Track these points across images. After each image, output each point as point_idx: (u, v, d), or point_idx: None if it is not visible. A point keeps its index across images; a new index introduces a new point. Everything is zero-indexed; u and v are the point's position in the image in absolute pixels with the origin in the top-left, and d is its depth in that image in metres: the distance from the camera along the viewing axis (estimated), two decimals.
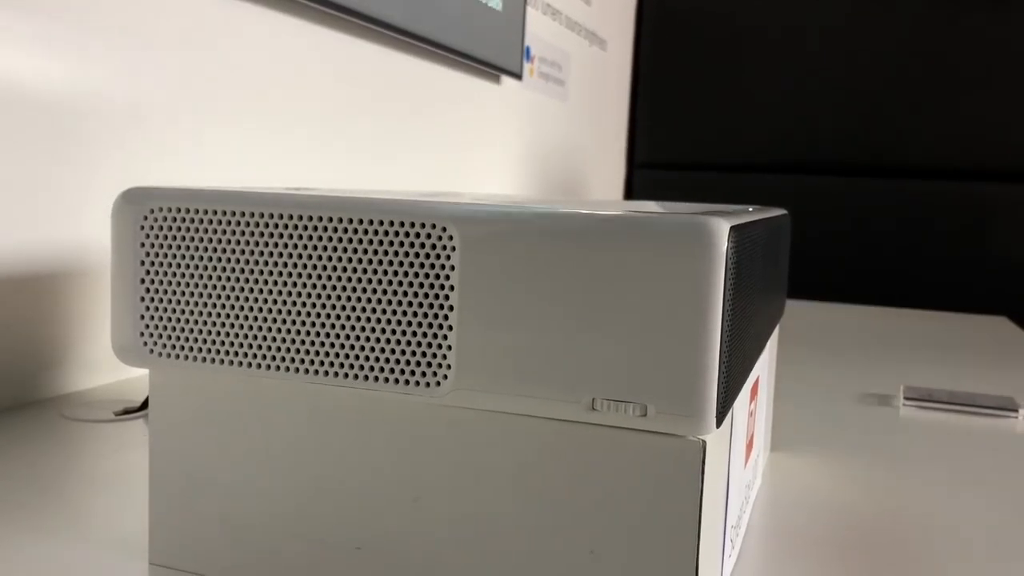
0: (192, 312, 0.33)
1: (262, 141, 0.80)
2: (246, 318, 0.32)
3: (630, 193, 2.11)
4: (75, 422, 0.55)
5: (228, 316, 0.32)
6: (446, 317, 0.30)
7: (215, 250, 0.32)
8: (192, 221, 0.32)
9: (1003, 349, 1.04)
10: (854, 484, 0.51)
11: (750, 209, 0.42)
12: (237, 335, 0.32)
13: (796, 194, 1.93)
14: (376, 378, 0.31)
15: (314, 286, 0.31)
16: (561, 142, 1.64)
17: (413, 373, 0.30)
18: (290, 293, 0.31)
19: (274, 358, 0.32)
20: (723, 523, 0.34)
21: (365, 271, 0.30)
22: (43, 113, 0.59)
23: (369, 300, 0.30)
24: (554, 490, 0.30)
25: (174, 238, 0.33)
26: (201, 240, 0.32)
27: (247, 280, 0.32)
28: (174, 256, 0.33)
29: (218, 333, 0.32)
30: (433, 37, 1.03)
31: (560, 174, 1.65)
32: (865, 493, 0.49)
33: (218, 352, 0.32)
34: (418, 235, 0.30)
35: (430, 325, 0.30)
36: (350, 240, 0.30)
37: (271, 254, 0.31)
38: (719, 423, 0.28)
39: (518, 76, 1.33)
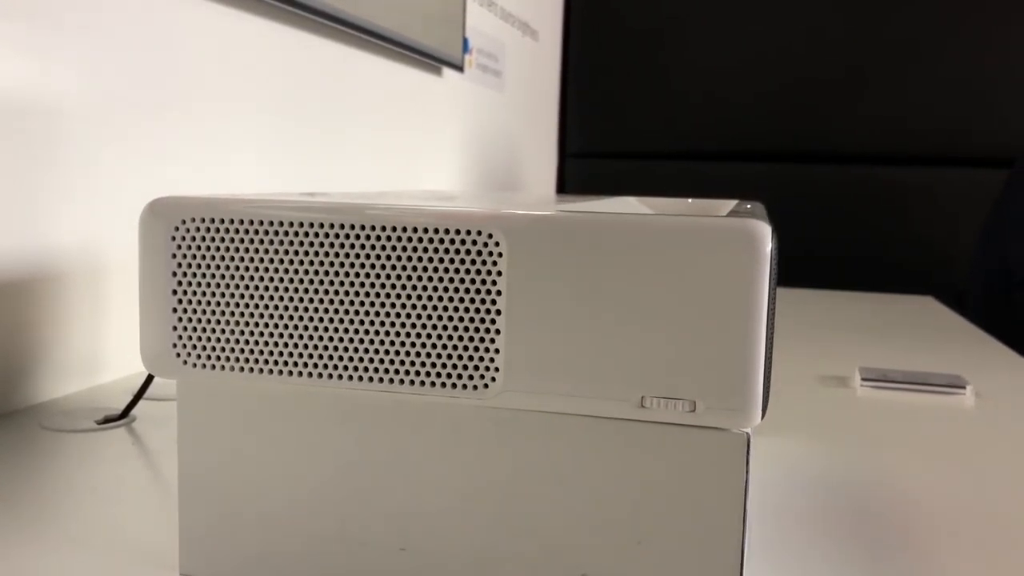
0: (229, 321, 0.33)
1: (195, 138, 0.79)
2: (286, 326, 0.32)
3: (562, 183, 2.13)
4: (56, 432, 0.54)
5: (268, 325, 0.32)
6: (493, 321, 0.30)
7: (252, 259, 0.32)
8: (227, 231, 0.32)
9: (936, 327, 1.09)
10: (834, 463, 0.53)
11: (748, 206, 0.44)
12: (277, 343, 0.32)
13: (723, 181, 1.98)
14: (423, 382, 0.31)
15: (356, 294, 0.31)
16: (498, 133, 1.65)
17: (460, 376, 0.31)
18: (332, 301, 0.32)
19: (316, 365, 0.32)
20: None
21: (410, 278, 0.31)
22: (9, 117, 0.57)
23: (414, 307, 0.31)
24: (600, 485, 0.31)
25: (207, 248, 0.32)
26: (237, 250, 0.32)
27: (287, 289, 0.32)
28: (208, 266, 0.33)
29: (256, 342, 0.32)
30: (374, 28, 1.03)
31: (498, 165, 1.66)
32: (845, 471, 0.52)
33: (257, 361, 0.32)
34: (463, 242, 0.30)
35: (476, 329, 0.31)
36: (394, 248, 0.31)
37: (311, 263, 0.32)
38: (763, 415, 0.29)
39: (459, 68, 1.34)
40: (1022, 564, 0.40)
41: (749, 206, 0.43)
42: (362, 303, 0.31)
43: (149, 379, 0.56)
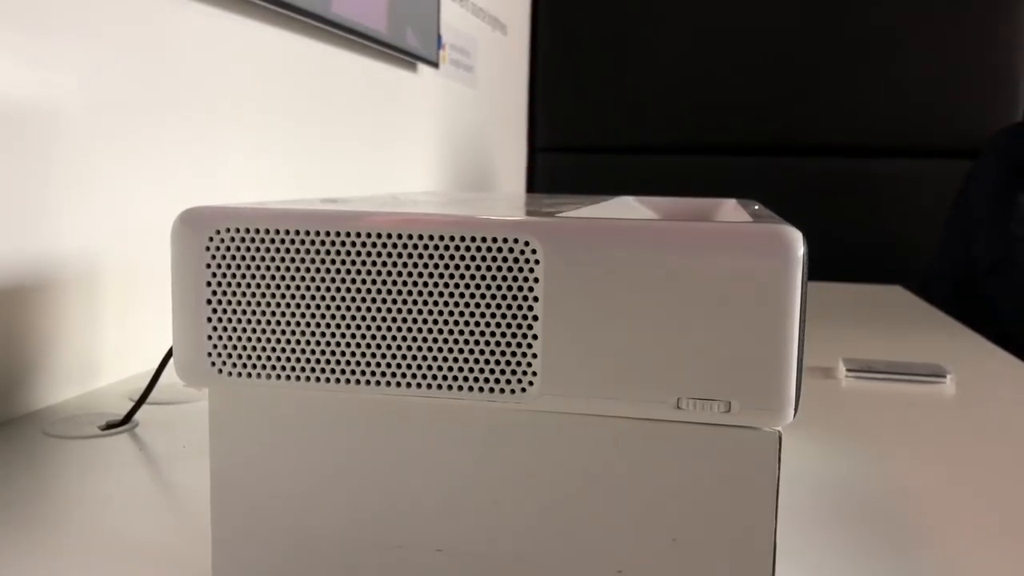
0: (266, 330, 0.33)
1: (181, 140, 0.78)
2: (323, 334, 0.32)
3: (532, 178, 2.14)
4: (60, 439, 0.53)
5: (305, 332, 0.33)
6: (530, 327, 0.31)
7: (289, 268, 0.32)
8: (263, 240, 0.32)
9: (910, 317, 1.12)
10: (827, 454, 0.55)
11: (756, 207, 0.45)
12: (315, 351, 0.33)
13: (691, 174, 2.00)
14: (460, 387, 0.32)
15: (394, 301, 0.32)
16: (471, 129, 1.65)
17: (498, 381, 0.31)
18: (369, 309, 0.32)
19: (353, 372, 0.32)
20: None
21: (447, 285, 0.31)
22: (4, 123, 0.57)
23: (451, 313, 0.31)
24: (636, 484, 0.32)
25: (243, 258, 0.33)
26: (273, 259, 0.32)
27: (323, 297, 0.32)
28: (243, 276, 0.33)
29: (293, 350, 0.33)
30: (351, 25, 1.03)
31: (470, 160, 1.66)
32: (840, 462, 0.53)
33: (294, 368, 0.33)
34: (500, 250, 0.31)
35: (514, 335, 0.31)
36: (431, 256, 0.31)
37: (348, 271, 0.32)
38: (795, 413, 0.30)
39: (435, 64, 1.34)
40: (1014, 551, 0.42)
41: (757, 207, 0.44)
42: (399, 310, 0.32)
43: (151, 385, 0.56)
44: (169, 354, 0.54)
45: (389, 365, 0.32)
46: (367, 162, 1.17)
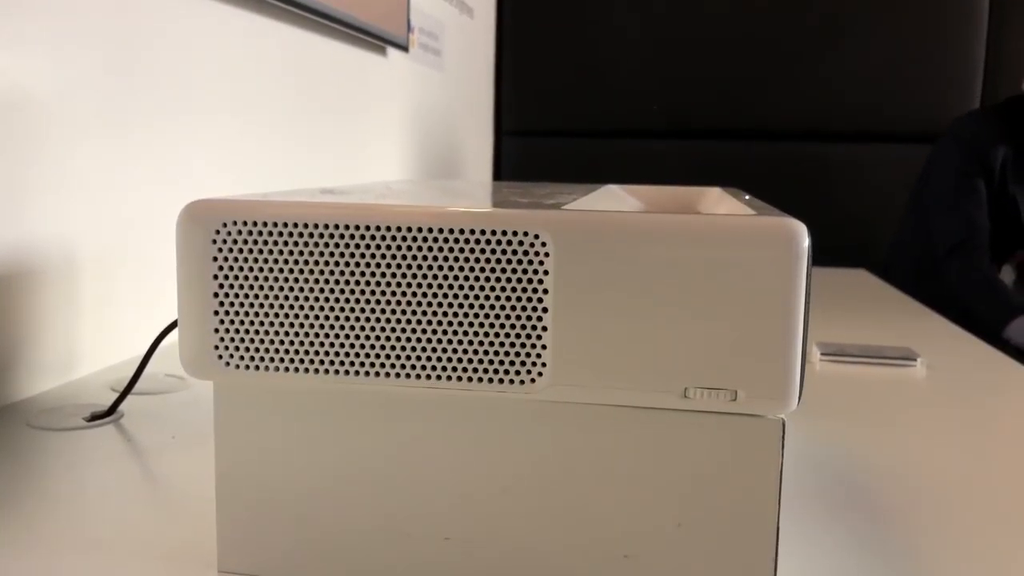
0: (274, 322, 0.33)
1: (154, 127, 0.77)
2: (332, 326, 0.33)
3: (499, 161, 2.14)
4: (45, 431, 0.53)
5: (313, 325, 0.33)
6: (540, 319, 0.31)
7: (297, 261, 0.32)
8: (271, 234, 0.32)
9: (875, 299, 1.14)
10: (807, 438, 0.56)
11: (746, 197, 0.46)
12: (323, 343, 0.33)
13: (655, 157, 2.01)
14: (470, 378, 0.32)
15: (404, 293, 0.32)
16: (439, 113, 1.65)
17: (508, 372, 0.32)
18: (379, 300, 0.32)
19: (363, 363, 0.33)
20: None
21: (456, 277, 0.32)
22: None
23: (462, 305, 0.32)
24: (642, 472, 0.32)
25: (250, 251, 0.33)
26: (282, 252, 0.33)
27: (332, 289, 0.32)
28: (251, 268, 0.33)
29: (301, 342, 0.33)
30: (323, 9, 1.02)
31: (437, 144, 1.66)
32: (819, 445, 0.55)
33: (303, 360, 0.33)
34: (510, 243, 0.31)
35: (523, 327, 0.32)
36: (440, 249, 0.32)
37: (357, 264, 0.32)
38: (799, 401, 0.31)
39: (404, 48, 1.33)
40: (987, 528, 0.43)
41: (747, 197, 0.45)
42: (408, 302, 0.32)
43: (137, 374, 0.56)
44: (155, 344, 0.54)
45: (399, 357, 0.32)
46: (337, 145, 1.16)
